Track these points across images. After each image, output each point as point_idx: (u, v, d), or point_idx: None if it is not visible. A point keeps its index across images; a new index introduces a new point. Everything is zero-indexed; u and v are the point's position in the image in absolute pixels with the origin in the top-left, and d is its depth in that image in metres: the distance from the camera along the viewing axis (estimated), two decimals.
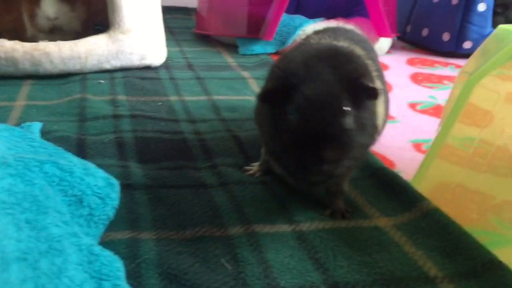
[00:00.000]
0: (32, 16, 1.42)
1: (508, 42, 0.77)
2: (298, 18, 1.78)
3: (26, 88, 1.26)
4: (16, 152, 0.64)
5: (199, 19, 2.02)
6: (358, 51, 0.77)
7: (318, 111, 0.62)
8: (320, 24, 1.75)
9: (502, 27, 0.85)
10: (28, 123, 0.99)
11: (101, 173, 0.70)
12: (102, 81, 1.31)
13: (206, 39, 1.98)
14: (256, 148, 0.96)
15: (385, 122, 0.85)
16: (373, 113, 0.70)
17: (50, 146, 0.72)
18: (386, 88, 0.88)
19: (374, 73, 0.77)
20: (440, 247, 0.69)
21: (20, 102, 1.16)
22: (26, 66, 1.28)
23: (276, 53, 1.77)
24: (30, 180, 0.58)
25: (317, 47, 0.72)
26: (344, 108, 0.63)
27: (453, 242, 0.69)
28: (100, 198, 0.66)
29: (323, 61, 0.67)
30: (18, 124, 1.02)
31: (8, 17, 1.60)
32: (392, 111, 1.29)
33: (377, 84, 0.78)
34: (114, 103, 1.18)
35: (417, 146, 1.09)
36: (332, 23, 1.75)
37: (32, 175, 0.59)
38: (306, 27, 1.74)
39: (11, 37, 1.33)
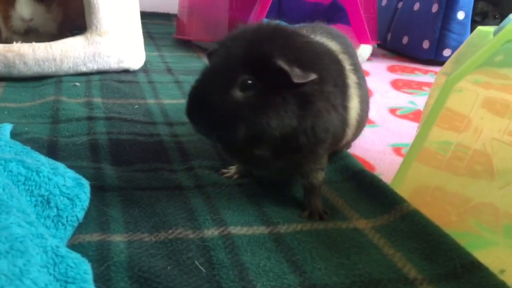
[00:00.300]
0: (7, 18, 1.39)
1: (483, 44, 0.77)
2: (280, 23, 1.77)
3: None
4: None
5: (180, 24, 2.01)
6: (333, 45, 0.78)
7: (208, 79, 0.69)
8: None
9: (480, 28, 0.85)
10: None
11: (70, 173, 0.67)
12: (77, 83, 1.28)
13: (186, 45, 1.96)
14: None
15: (361, 118, 0.85)
16: (310, 99, 0.69)
17: (18, 145, 0.69)
18: (364, 84, 0.87)
19: (349, 67, 0.78)
20: (420, 249, 0.68)
21: None
22: None
23: None
24: None
25: (260, 25, 0.74)
26: (240, 81, 0.66)
27: (432, 244, 0.68)
28: (68, 198, 0.63)
29: (248, 36, 0.70)
30: None
31: None
32: (373, 116, 1.28)
33: (352, 78, 0.78)
34: (89, 105, 1.15)
35: (397, 150, 1.08)
36: None
37: None
38: None
39: None
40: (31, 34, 1.42)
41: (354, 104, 0.77)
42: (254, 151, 0.70)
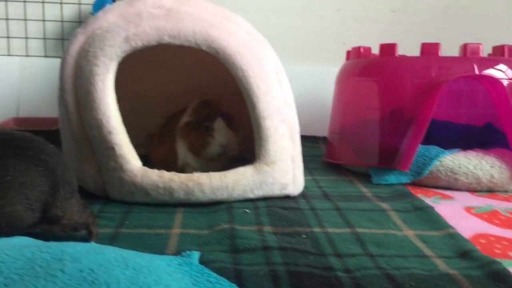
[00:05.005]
0: (204, 146, 1.61)
1: None
2: (434, 148, 1.77)
3: (179, 215, 1.35)
4: None
5: (330, 148, 2.09)
6: None
7: None
8: (458, 155, 1.72)
9: None
10: (188, 252, 1.04)
11: None
12: (247, 210, 1.37)
13: (336, 168, 2.01)
14: None
15: None
16: None
17: (225, 282, 0.75)
18: None
19: None
20: None
21: (175, 230, 1.24)
22: (180, 195, 1.39)
23: (411, 183, 1.75)
24: None
25: None
26: None
27: None
28: None
29: None
30: (177, 253, 1.08)
31: (160, 149, 1.78)
32: None
33: None
34: (261, 233, 1.21)
35: None
36: (470, 154, 1.71)
37: None
38: (442, 158, 1.71)
39: (162, 167, 1.47)
40: (216, 159, 1.64)
41: None
42: None
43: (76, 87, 1.38)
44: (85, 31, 1.39)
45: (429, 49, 1.80)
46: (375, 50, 2.03)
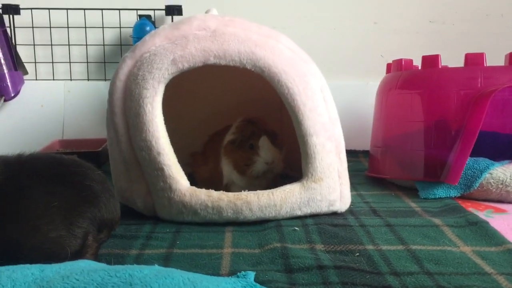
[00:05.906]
0: (249, 164, 1.60)
1: None
2: (483, 160, 1.72)
3: (228, 234, 1.35)
4: None
5: (373, 162, 2.06)
6: None
7: None
8: (509, 167, 1.68)
9: None
10: (243, 272, 1.04)
11: None
12: (296, 228, 1.36)
13: (380, 182, 1.98)
14: None
15: None
16: None
17: None
18: None
19: None
20: None
21: (227, 250, 1.24)
22: (229, 214, 1.39)
23: (460, 197, 1.70)
24: None
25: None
26: None
27: None
28: None
29: None
30: (231, 273, 1.08)
31: (204, 167, 1.80)
32: None
33: None
34: (313, 251, 1.20)
35: None
36: None
37: None
38: (493, 170, 1.67)
39: (206, 186, 1.47)
40: (262, 176, 1.62)
41: None
42: None
43: (126, 109, 1.41)
44: (134, 55, 1.42)
45: (474, 60, 1.77)
46: (415, 62, 2.01)
